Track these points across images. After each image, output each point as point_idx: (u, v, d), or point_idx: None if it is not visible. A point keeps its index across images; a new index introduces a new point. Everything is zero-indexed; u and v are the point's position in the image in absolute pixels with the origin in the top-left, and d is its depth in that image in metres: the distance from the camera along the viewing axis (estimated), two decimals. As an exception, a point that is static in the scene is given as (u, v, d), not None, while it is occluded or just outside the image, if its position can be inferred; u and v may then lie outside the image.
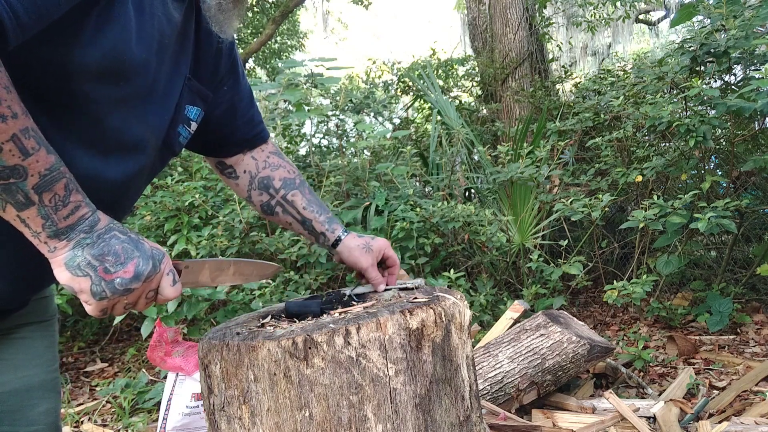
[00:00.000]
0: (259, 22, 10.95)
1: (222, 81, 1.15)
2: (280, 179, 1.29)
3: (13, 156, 0.72)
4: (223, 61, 1.13)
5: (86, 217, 0.79)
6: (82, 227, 0.79)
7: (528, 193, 4.13)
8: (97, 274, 0.79)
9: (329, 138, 4.76)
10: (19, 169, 0.73)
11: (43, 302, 1.08)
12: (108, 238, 0.80)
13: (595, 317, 3.97)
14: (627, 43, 12.05)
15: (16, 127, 0.71)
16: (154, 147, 0.99)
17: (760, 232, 4.24)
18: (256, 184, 1.28)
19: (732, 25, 3.30)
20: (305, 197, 1.30)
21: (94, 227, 0.80)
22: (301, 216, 1.28)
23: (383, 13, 30.34)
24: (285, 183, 1.29)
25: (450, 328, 1.00)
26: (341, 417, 0.89)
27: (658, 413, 2.32)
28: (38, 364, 1.03)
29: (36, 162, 0.73)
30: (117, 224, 0.83)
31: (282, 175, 1.29)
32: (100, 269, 0.79)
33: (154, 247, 0.85)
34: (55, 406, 1.06)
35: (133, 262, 0.81)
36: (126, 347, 3.89)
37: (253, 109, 1.26)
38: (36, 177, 0.74)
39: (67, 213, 0.77)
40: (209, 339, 0.98)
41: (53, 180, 0.75)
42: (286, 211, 1.29)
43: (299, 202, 1.29)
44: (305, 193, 1.30)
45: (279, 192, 1.28)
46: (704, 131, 3.25)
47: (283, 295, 3.08)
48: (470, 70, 7.38)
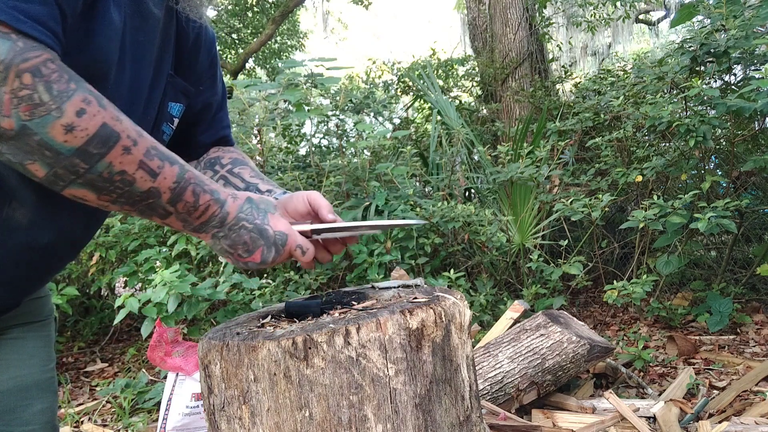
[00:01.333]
0: (259, 22, 10.96)
1: (201, 78, 1.12)
2: (230, 158, 1.20)
3: (146, 181, 0.79)
4: (201, 56, 1.10)
5: (216, 215, 0.89)
6: (214, 223, 0.90)
7: (528, 193, 4.14)
8: (234, 258, 0.93)
9: (329, 138, 4.76)
10: (153, 190, 0.80)
11: (38, 302, 1.07)
12: (237, 229, 0.91)
13: (595, 317, 3.97)
14: (627, 43, 12.05)
15: (140, 153, 0.77)
16: None
17: (760, 232, 4.24)
18: (201, 166, 1.20)
19: (732, 25, 3.30)
20: (254, 171, 1.20)
21: (224, 222, 0.90)
22: (245, 183, 1.16)
23: (383, 13, 30.33)
24: (233, 161, 1.20)
25: (450, 328, 1.00)
26: (341, 417, 0.89)
27: (658, 413, 2.32)
28: (32, 364, 1.02)
29: (164, 179, 0.81)
30: (245, 212, 0.91)
31: (233, 156, 1.21)
32: (235, 255, 0.92)
33: (279, 231, 0.93)
34: (51, 405, 1.05)
35: (259, 250, 0.92)
36: (126, 347, 3.89)
37: (223, 111, 1.22)
38: (168, 193, 0.82)
39: (199, 214, 0.87)
40: (209, 339, 0.98)
41: (182, 190, 0.84)
42: (228, 183, 1.17)
43: (247, 172, 1.18)
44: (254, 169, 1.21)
45: (225, 167, 1.19)
46: (704, 131, 3.25)
47: (283, 295, 3.08)
48: (470, 70, 7.38)
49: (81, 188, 0.75)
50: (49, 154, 0.70)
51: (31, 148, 0.69)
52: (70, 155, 0.71)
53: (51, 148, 0.69)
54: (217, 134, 1.22)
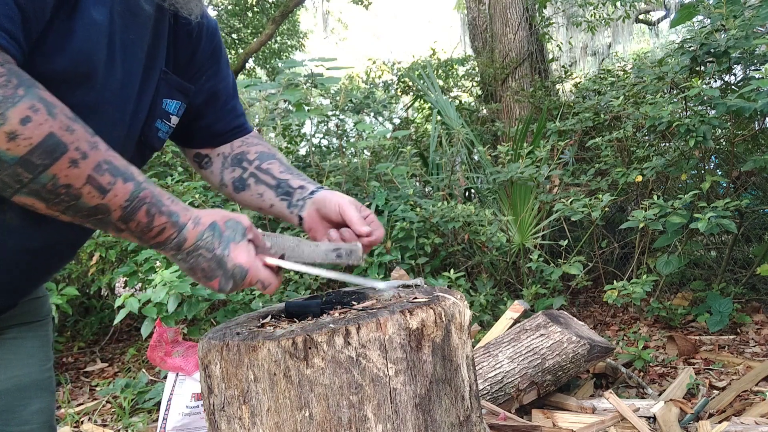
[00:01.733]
0: (259, 22, 10.96)
1: (202, 69, 1.10)
2: (255, 152, 1.17)
3: (93, 197, 0.75)
4: (201, 48, 1.08)
5: (172, 238, 0.84)
6: (170, 246, 0.85)
7: (528, 193, 4.14)
8: (195, 279, 0.90)
9: (329, 138, 4.76)
10: (101, 207, 0.77)
11: (36, 303, 1.06)
12: (195, 256, 0.86)
13: (595, 317, 3.97)
14: (627, 43, 12.05)
15: (89, 168, 0.74)
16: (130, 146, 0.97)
17: (760, 232, 4.24)
18: (228, 162, 1.17)
19: (732, 25, 3.30)
20: (283, 164, 1.16)
21: (181, 247, 0.86)
22: (276, 180, 1.13)
23: (383, 13, 30.32)
24: (261, 155, 1.16)
25: (450, 328, 1.00)
26: (341, 417, 0.89)
27: (658, 413, 2.32)
28: (30, 364, 1.02)
29: (115, 197, 0.77)
30: (205, 240, 0.86)
31: (259, 149, 1.17)
32: (195, 278, 0.89)
33: (238, 265, 0.88)
34: (49, 405, 1.05)
35: (216, 280, 0.88)
36: (126, 347, 3.89)
37: (235, 100, 1.19)
38: (118, 210, 0.78)
39: (154, 234, 0.83)
40: (209, 339, 0.98)
41: (134, 209, 0.80)
42: (259, 181, 1.14)
43: (276, 168, 1.14)
44: (284, 162, 1.17)
45: (253, 163, 1.15)
46: (704, 131, 3.25)
47: (283, 295, 3.08)
48: (470, 70, 7.38)
49: (28, 197, 0.73)
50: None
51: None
52: (13, 164, 0.69)
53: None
54: (231, 123, 1.18)
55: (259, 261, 0.91)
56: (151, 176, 3.76)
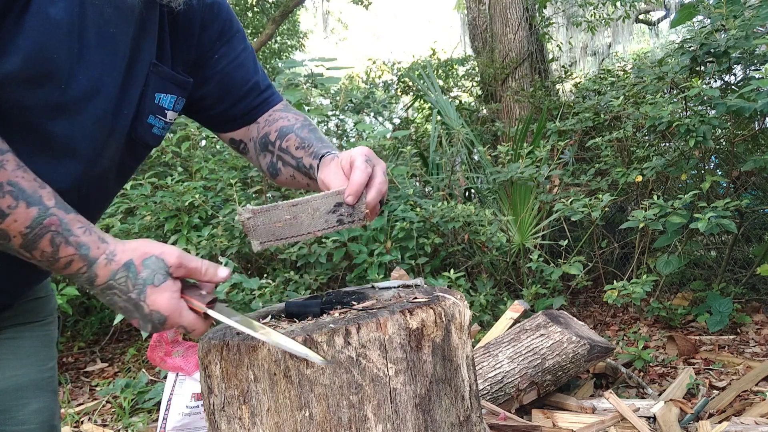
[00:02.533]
0: (259, 22, 10.96)
1: (209, 53, 1.05)
2: (276, 130, 1.10)
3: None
4: (206, 33, 1.04)
5: (82, 273, 0.77)
6: (82, 280, 0.78)
7: (528, 193, 4.13)
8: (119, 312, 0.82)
9: (329, 138, 4.76)
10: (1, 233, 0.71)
11: (36, 303, 1.06)
12: (111, 295, 0.79)
13: (595, 317, 3.97)
14: (627, 43, 12.05)
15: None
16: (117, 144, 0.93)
17: (760, 232, 4.24)
18: (258, 148, 1.12)
19: (732, 25, 3.30)
20: (300, 136, 1.08)
21: (93, 283, 0.78)
22: (295, 159, 1.06)
23: (383, 13, 30.32)
24: (281, 132, 1.09)
25: (450, 328, 1.00)
26: (341, 417, 0.89)
27: (658, 413, 2.32)
28: (28, 364, 1.01)
29: (14, 222, 0.71)
30: (119, 282, 0.78)
31: (279, 125, 1.10)
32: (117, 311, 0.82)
33: (155, 311, 0.79)
34: (48, 405, 1.04)
35: (135, 321, 0.81)
36: (126, 347, 3.89)
37: (256, 76, 1.11)
38: (18, 237, 0.72)
39: (62, 266, 0.76)
40: (209, 339, 0.98)
41: (36, 237, 0.73)
42: (285, 163, 1.08)
43: (293, 144, 1.07)
44: (302, 133, 1.08)
45: (276, 144, 1.09)
46: (704, 131, 3.25)
47: (283, 295, 3.08)
48: (470, 70, 7.38)
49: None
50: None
51: None
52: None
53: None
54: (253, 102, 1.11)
55: (183, 304, 0.82)
56: (151, 176, 3.76)
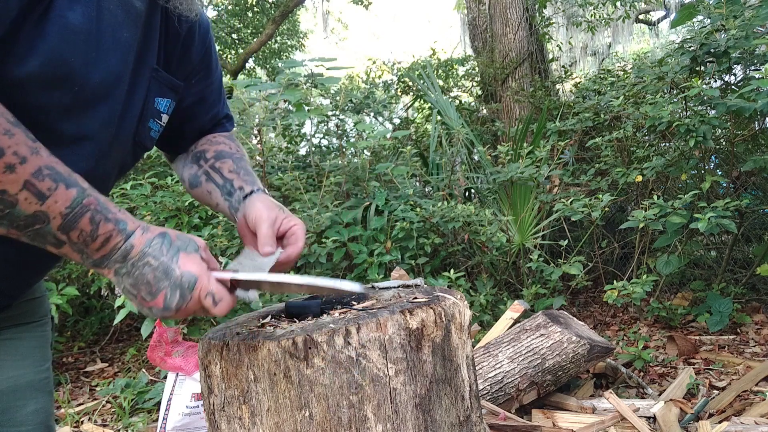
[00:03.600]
0: (259, 22, 10.96)
1: (194, 69, 1.08)
2: (215, 151, 1.15)
3: (31, 204, 0.71)
4: (195, 48, 1.06)
5: (118, 247, 0.79)
6: (116, 257, 0.79)
7: (528, 193, 4.14)
8: (137, 300, 0.81)
9: (329, 138, 4.76)
10: (40, 214, 0.72)
11: (33, 303, 1.06)
12: (141, 266, 0.79)
13: (595, 317, 3.97)
14: (627, 43, 12.06)
15: (27, 173, 0.70)
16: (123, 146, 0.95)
17: (760, 232, 4.24)
18: (189, 159, 1.16)
19: (732, 25, 3.30)
20: (237, 164, 1.13)
21: (127, 256, 0.79)
22: (224, 179, 1.11)
23: (383, 13, 30.34)
24: (219, 154, 1.14)
25: (450, 328, 1.00)
26: (341, 417, 0.89)
27: (658, 413, 2.32)
28: (26, 365, 1.01)
29: (55, 203, 0.72)
30: (153, 247, 0.80)
31: (219, 149, 1.15)
32: (138, 297, 0.81)
33: (187, 272, 0.81)
34: (45, 406, 1.04)
35: (162, 294, 0.80)
36: (126, 347, 3.89)
37: (220, 104, 1.17)
38: (58, 218, 0.73)
39: (98, 245, 0.77)
40: (209, 339, 0.98)
41: (76, 217, 0.74)
42: (210, 179, 1.12)
43: (227, 167, 1.12)
44: (240, 163, 1.14)
45: (209, 161, 1.14)
46: (704, 131, 3.25)
47: (284, 295, 3.08)
48: (470, 70, 7.38)
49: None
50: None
51: None
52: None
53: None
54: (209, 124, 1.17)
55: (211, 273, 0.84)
56: (151, 176, 3.76)
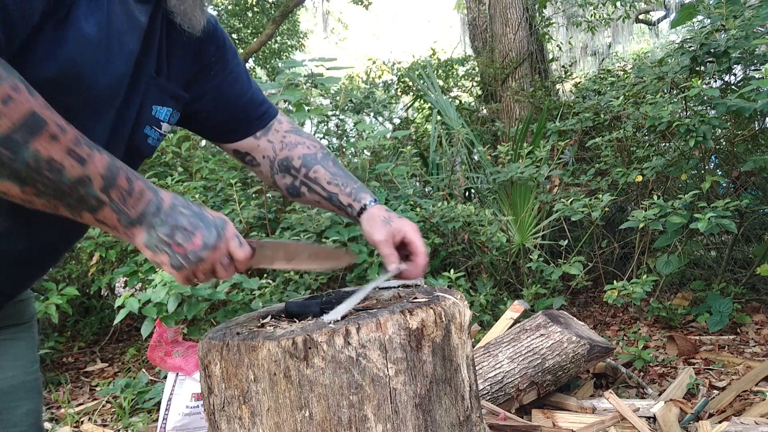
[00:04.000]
0: (259, 22, 10.96)
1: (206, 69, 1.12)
2: (299, 157, 1.22)
3: (75, 168, 0.75)
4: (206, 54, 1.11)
5: (152, 201, 0.85)
6: (151, 210, 0.84)
7: (528, 193, 4.14)
8: (172, 249, 0.85)
9: (329, 138, 4.76)
10: (84, 178, 0.76)
11: (21, 305, 1.06)
12: (175, 215, 0.86)
13: (595, 317, 3.97)
14: (627, 43, 12.06)
15: (68, 140, 0.74)
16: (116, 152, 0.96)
17: (760, 232, 4.24)
18: (277, 168, 1.23)
19: (732, 25, 3.30)
20: (329, 171, 1.22)
21: (160, 208, 0.85)
22: (327, 191, 1.21)
23: (383, 13, 30.34)
24: (305, 160, 1.22)
25: (450, 328, 1.00)
26: (341, 417, 0.89)
27: (658, 413, 2.32)
28: (17, 366, 1.02)
29: (95, 166, 0.77)
30: (179, 199, 0.88)
31: (301, 152, 1.22)
32: (173, 244, 0.85)
33: (217, 216, 0.90)
34: (36, 407, 1.05)
35: (200, 234, 0.86)
36: (126, 347, 3.89)
37: (251, 90, 1.21)
38: (99, 179, 0.78)
39: (134, 201, 0.83)
40: (209, 339, 0.98)
41: (114, 176, 0.80)
42: (312, 190, 1.22)
43: (323, 177, 1.21)
44: (329, 166, 1.23)
45: (300, 171, 1.22)
46: (704, 131, 3.25)
47: (283, 295, 3.08)
48: (470, 70, 7.38)
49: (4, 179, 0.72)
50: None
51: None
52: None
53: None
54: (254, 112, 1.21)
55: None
56: (151, 176, 3.76)
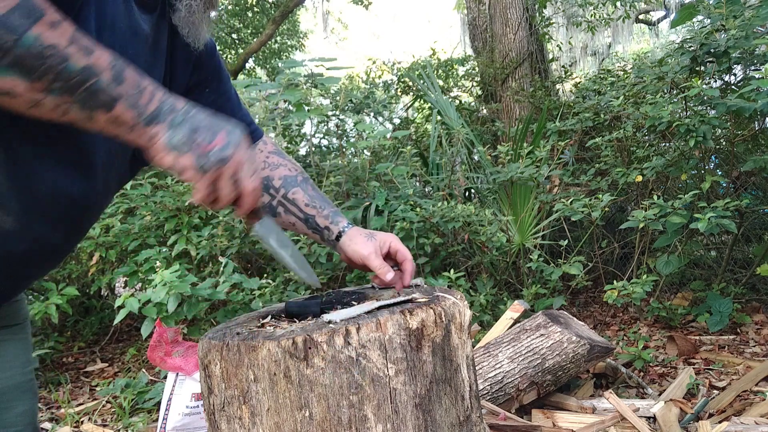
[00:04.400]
0: (259, 22, 10.97)
1: (203, 84, 1.13)
2: (279, 178, 1.22)
3: (81, 57, 0.72)
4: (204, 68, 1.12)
5: (165, 99, 0.81)
6: (167, 108, 0.80)
7: (528, 193, 4.14)
8: (192, 147, 0.81)
9: (329, 138, 4.76)
10: (91, 68, 0.73)
11: (15, 306, 1.06)
12: (195, 114, 0.82)
13: (595, 317, 3.97)
14: (627, 43, 12.05)
15: (69, 29, 0.72)
16: (119, 160, 0.99)
17: (760, 232, 4.24)
18: None
19: (732, 25, 3.30)
20: (307, 193, 1.22)
21: (174, 106, 0.81)
22: (304, 213, 1.21)
23: (383, 13, 30.33)
24: (285, 181, 1.22)
25: (450, 328, 1.00)
26: (341, 417, 0.89)
27: (658, 413, 2.32)
28: (12, 367, 1.03)
29: (100, 58, 0.74)
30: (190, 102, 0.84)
31: (282, 173, 1.22)
32: (195, 143, 0.81)
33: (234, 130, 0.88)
34: (32, 407, 1.06)
35: (224, 131, 0.83)
36: (126, 347, 3.89)
37: (241, 111, 1.23)
38: (108, 71, 0.75)
39: (147, 99, 0.78)
40: (209, 339, 0.98)
41: (121, 68, 0.76)
42: (288, 211, 1.22)
43: (301, 199, 1.21)
44: (307, 189, 1.23)
45: (279, 191, 1.21)
46: (704, 131, 3.25)
47: (283, 295, 3.08)
48: (470, 70, 7.38)
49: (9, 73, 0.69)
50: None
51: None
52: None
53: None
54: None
55: None
56: (151, 176, 3.77)
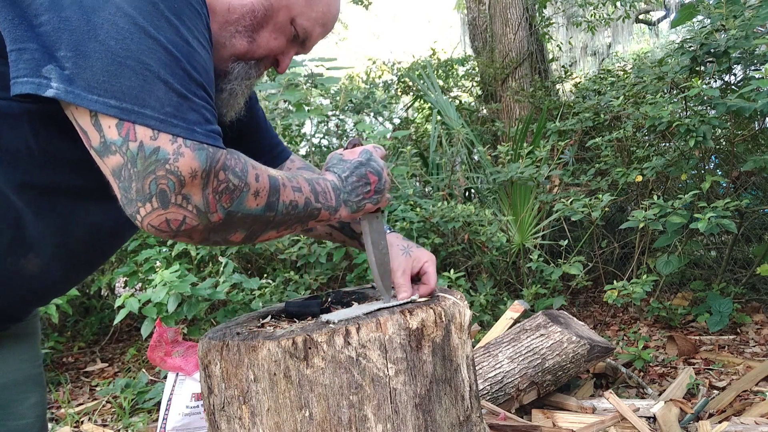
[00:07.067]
0: (259, 22, 10.94)
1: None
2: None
3: (300, 198, 0.92)
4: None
5: (332, 187, 1.01)
6: (339, 193, 1.01)
7: (528, 193, 4.13)
8: (365, 198, 1.06)
9: (329, 138, 4.76)
10: (306, 200, 0.93)
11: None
12: (347, 180, 1.04)
13: (595, 317, 3.97)
14: (627, 43, 12.05)
15: (287, 182, 0.90)
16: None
17: (760, 232, 4.24)
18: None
19: (732, 25, 3.30)
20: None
21: (336, 186, 1.02)
22: (339, 222, 1.21)
23: (383, 13, 30.31)
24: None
25: (450, 328, 1.00)
26: (341, 417, 0.89)
27: (658, 413, 2.32)
28: (24, 360, 1.05)
29: (303, 186, 0.93)
30: (331, 169, 1.06)
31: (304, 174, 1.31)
32: (364, 195, 1.05)
33: (363, 150, 1.10)
34: (42, 399, 1.08)
35: (368, 174, 1.05)
36: (126, 347, 3.89)
37: (269, 133, 1.30)
38: (311, 195, 0.94)
39: (331, 196, 0.99)
40: (209, 339, 0.98)
41: (314, 187, 0.96)
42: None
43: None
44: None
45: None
46: (704, 131, 3.25)
47: (283, 295, 3.08)
48: (470, 70, 7.37)
49: (268, 232, 0.90)
50: (248, 221, 0.84)
51: (234, 224, 0.82)
52: (263, 213, 0.85)
53: (249, 216, 0.83)
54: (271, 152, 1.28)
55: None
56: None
